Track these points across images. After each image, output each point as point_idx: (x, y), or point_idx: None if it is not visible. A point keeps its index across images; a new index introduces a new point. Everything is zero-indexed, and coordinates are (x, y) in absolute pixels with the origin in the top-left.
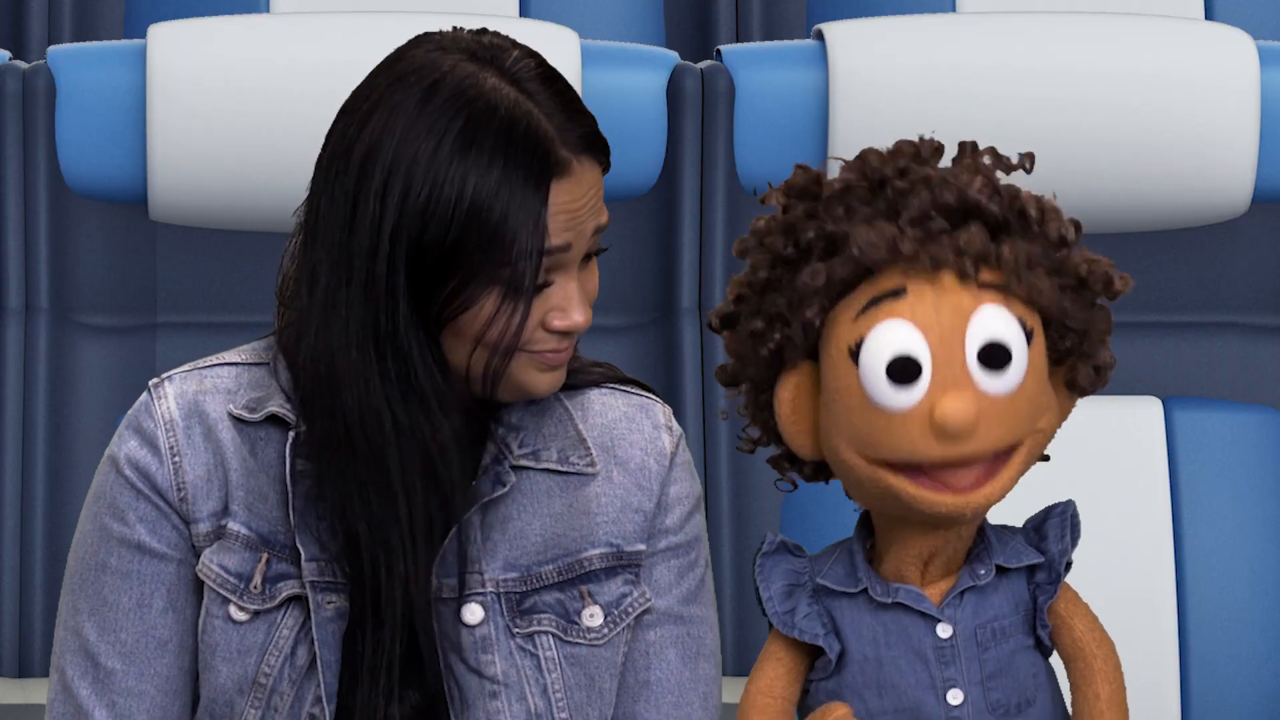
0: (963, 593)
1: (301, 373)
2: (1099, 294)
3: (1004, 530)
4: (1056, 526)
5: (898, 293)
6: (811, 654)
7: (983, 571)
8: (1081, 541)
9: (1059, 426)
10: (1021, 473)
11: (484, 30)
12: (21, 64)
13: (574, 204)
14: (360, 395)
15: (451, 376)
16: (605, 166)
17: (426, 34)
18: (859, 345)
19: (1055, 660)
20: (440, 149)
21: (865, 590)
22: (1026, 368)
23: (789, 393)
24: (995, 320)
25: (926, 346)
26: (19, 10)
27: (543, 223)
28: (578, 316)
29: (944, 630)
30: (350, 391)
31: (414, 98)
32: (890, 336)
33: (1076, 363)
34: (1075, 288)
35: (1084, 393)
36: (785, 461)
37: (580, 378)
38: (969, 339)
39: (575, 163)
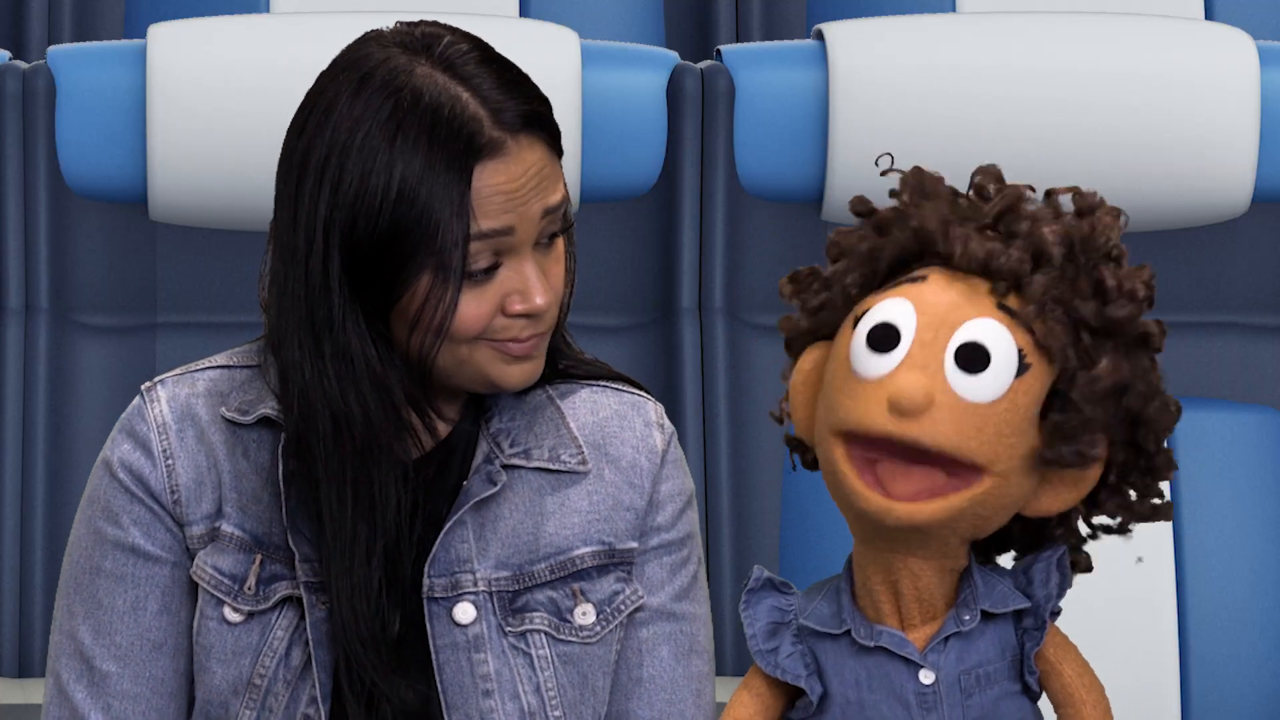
0: (947, 639)
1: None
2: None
3: (992, 573)
4: (1042, 571)
5: (918, 279)
6: (790, 691)
7: (967, 617)
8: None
9: (1030, 503)
10: (969, 512)
11: (421, 21)
12: (21, 64)
13: (510, 184)
14: (301, 390)
15: (397, 370)
16: (554, 147)
17: (368, 32)
18: (863, 314)
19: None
20: (368, 139)
21: (849, 632)
22: (1006, 390)
23: (807, 364)
24: (990, 330)
25: (914, 325)
26: (19, 10)
27: (466, 206)
28: (538, 299)
29: (926, 676)
30: (295, 387)
31: (346, 93)
32: (888, 308)
33: (1057, 439)
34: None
35: (1049, 464)
36: (795, 440)
37: (571, 373)
38: (956, 333)
39: (510, 142)
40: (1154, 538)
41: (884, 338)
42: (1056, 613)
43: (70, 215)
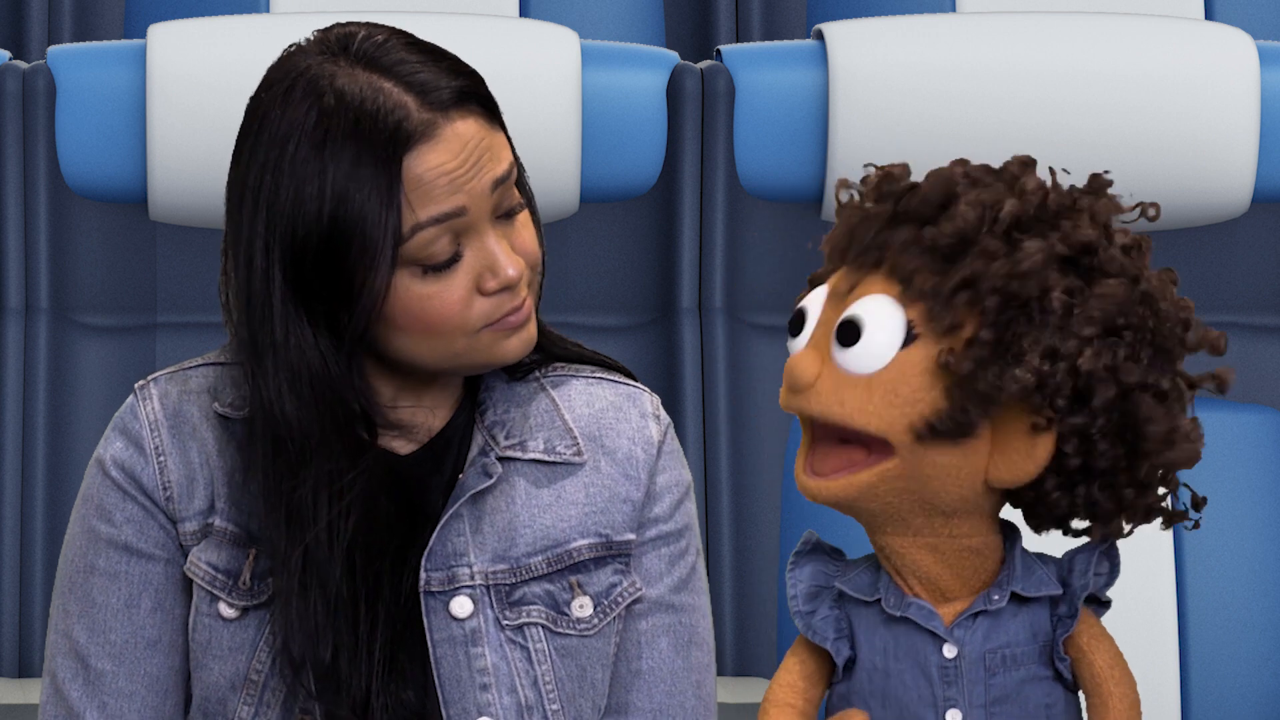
0: (975, 615)
1: None
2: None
3: (1036, 558)
4: (1084, 561)
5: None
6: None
7: (996, 597)
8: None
9: (989, 473)
10: (883, 487)
11: (335, 24)
12: (21, 64)
13: (450, 164)
14: (248, 404)
15: (355, 380)
16: (490, 118)
17: (289, 47)
18: None
19: None
20: (298, 150)
21: (880, 600)
22: (890, 360)
23: None
24: (870, 303)
25: (820, 308)
26: (19, 10)
27: (396, 198)
28: (509, 271)
29: (949, 650)
30: (251, 387)
31: (274, 110)
32: (811, 295)
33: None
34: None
35: (954, 373)
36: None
37: (560, 356)
38: (844, 312)
39: (441, 121)
40: (1154, 538)
41: (795, 322)
42: (1107, 603)
43: (70, 215)
